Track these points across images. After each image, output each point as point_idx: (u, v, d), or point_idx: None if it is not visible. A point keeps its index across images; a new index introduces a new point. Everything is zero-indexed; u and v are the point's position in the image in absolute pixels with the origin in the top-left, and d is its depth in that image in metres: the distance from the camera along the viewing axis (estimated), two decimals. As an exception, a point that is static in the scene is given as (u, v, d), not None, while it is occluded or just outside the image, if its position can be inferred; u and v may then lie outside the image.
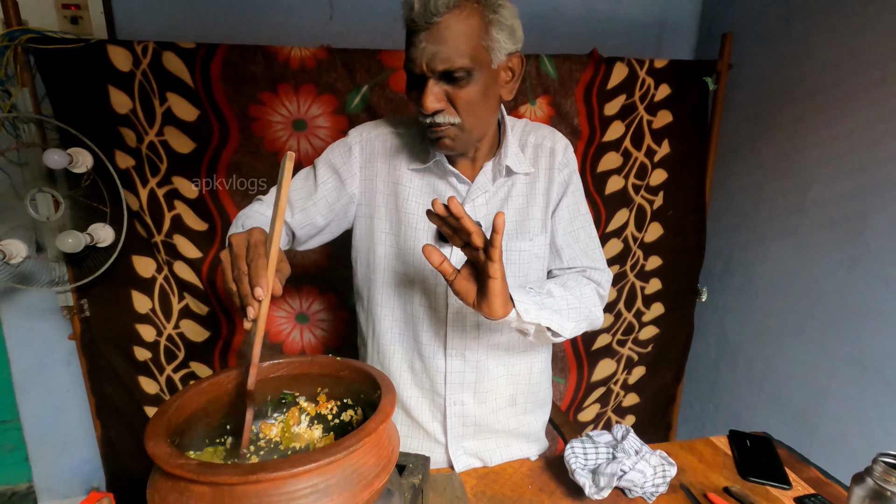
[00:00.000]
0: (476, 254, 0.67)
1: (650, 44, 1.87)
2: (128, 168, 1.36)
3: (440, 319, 0.89)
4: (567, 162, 0.91)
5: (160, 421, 0.49)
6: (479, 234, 0.65)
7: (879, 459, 0.55)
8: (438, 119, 0.76)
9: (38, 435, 1.78)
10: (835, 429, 1.42)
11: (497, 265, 0.66)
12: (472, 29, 0.71)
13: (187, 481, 0.43)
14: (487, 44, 0.73)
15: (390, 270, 0.91)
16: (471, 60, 0.72)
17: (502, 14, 0.74)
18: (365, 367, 0.62)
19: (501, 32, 0.74)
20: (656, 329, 1.81)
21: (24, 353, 1.70)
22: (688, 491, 0.84)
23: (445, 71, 0.72)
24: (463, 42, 0.71)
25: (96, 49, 1.26)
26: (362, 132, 0.92)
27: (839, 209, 1.39)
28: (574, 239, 0.91)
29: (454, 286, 0.70)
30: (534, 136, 0.91)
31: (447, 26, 0.70)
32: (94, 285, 1.43)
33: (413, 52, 0.73)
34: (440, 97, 0.74)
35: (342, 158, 0.90)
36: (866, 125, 1.31)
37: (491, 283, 0.67)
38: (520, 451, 0.98)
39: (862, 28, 1.32)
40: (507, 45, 0.76)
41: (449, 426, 0.93)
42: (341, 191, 0.90)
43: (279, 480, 0.43)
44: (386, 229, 0.90)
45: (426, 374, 0.92)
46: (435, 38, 0.70)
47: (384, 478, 0.50)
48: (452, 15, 0.70)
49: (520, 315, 0.72)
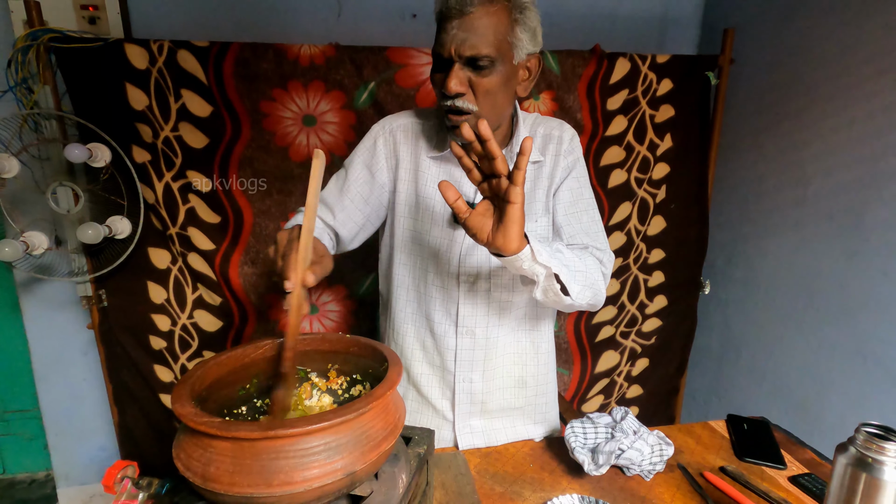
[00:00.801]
0: (498, 182, 0.67)
1: (652, 39, 1.89)
2: (144, 162, 1.41)
3: (452, 298, 0.94)
4: (572, 149, 0.95)
5: (185, 386, 0.53)
6: (503, 161, 0.65)
7: (862, 429, 0.58)
8: (458, 103, 0.80)
9: (57, 423, 1.84)
10: (836, 418, 1.43)
11: (520, 189, 0.66)
12: (500, 24, 0.78)
13: (211, 437, 0.47)
14: (512, 40, 0.80)
15: (406, 252, 0.96)
16: (495, 51, 0.78)
17: (528, 16, 0.80)
18: (373, 343, 0.66)
19: (525, 32, 0.80)
20: (659, 321, 1.83)
21: (45, 344, 1.76)
22: (684, 470, 0.87)
23: (471, 57, 0.78)
24: (491, 33, 0.77)
25: (114, 48, 1.31)
26: (384, 124, 0.97)
27: (839, 202, 1.41)
28: (576, 219, 0.94)
29: (468, 223, 0.70)
30: (543, 127, 0.96)
31: (479, 17, 0.76)
32: (112, 276, 1.48)
33: (443, 37, 0.79)
34: (463, 81, 0.79)
35: (369, 153, 0.95)
36: (866, 118, 1.33)
37: (511, 209, 0.66)
38: (525, 432, 1.01)
39: (861, 22, 1.34)
40: (529, 45, 0.82)
41: (457, 402, 0.97)
42: (373, 183, 0.95)
43: (294, 437, 0.47)
44: (404, 213, 0.95)
45: (437, 352, 0.97)
46: (466, 26, 0.76)
47: (391, 441, 0.54)
48: (484, 8, 0.76)
49: (534, 253, 0.72)
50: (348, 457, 0.49)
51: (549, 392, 1.06)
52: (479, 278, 0.93)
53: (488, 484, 0.82)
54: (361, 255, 1.19)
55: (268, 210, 1.49)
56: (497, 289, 0.94)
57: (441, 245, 0.93)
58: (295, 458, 0.47)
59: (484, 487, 0.81)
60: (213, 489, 0.46)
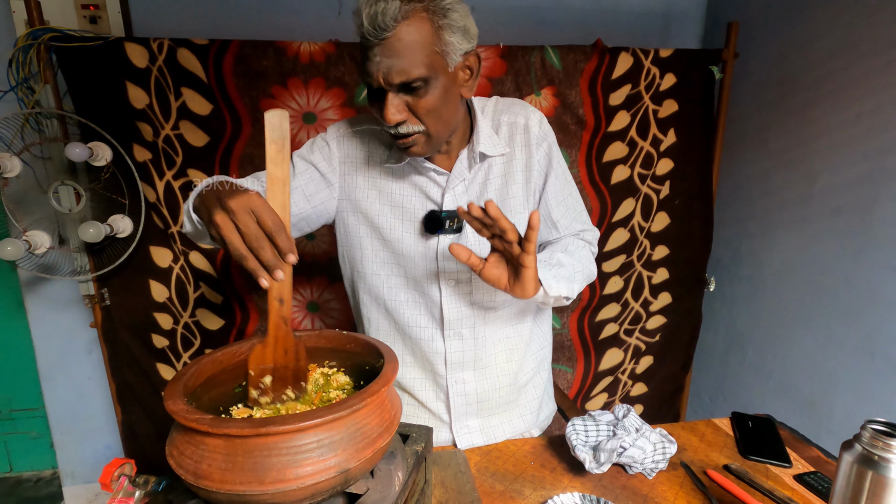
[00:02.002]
0: (510, 246, 0.73)
1: (656, 34, 1.87)
2: (145, 161, 1.41)
3: (435, 302, 0.92)
4: (544, 135, 0.90)
5: (178, 383, 0.53)
6: (514, 231, 0.71)
7: (867, 426, 0.57)
8: (402, 130, 0.76)
9: (61, 422, 1.85)
10: (843, 416, 1.41)
11: (532, 257, 0.72)
12: (425, 37, 0.71)
13: (203, 434, 0.46)
14: (441, 49, 0.73)
15: (379, 261, 0.93)
16: (427, 69, 0.72)
17: (452, 17, 0.73)
18: (369, 339, 0.65)
19: (454, 35, 0.74)
20: (664, 318, 1.81)
21: (49, 343, 1.77)
22: (687, 468, 0.85)
23: (403, 83, 0.72)
24: (417, 52, 0.71)
25: (114, 46, 1.31)
26: (339, 128, 0.92)
27: (846, 197, 1.39)
28: (566, 208, 0.95)
29: (484, 275, 0.76)
30: (507, 114, 0.90)
31: (399, 38, 0.69)
32: (114, 275, 1.48)
33: (369, 67, 0.72)
34: (401, 108, 0.75)
35: (321, 153, 0.90)
36: (874, 111, 1.31)
37: (526, 272, 0.74)
38: (523, 426, 1.00)
39: (868, 13, 1.32)
40: (462, 45, 0.75)
41: (452, 404, 0.96)
42: (320, 183, 0.89)
43: (287, 434, 0.46)
44: (370, 223, 0.91)
45: (426, 357, 0.95)
46: (388, 51, 0.70)
47: (386, 438, 0.53)
48: (402, 27, 0.69)
49: (546, 292, 0.79)
50: (342, 454, 0.48)
51: (545, 383, 1.05)
52: (461, 281, 0.91)
53: (488, 482, 0.81)
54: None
55: (269, 208, 1.49)
56: (479, 290, 0.92)
57: (416, 252, 0.90)
58: (288, 455, 0.46)
59: (484, 485, 0.81)
60: (205, 486, 0.46)
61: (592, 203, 1.63)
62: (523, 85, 1.51)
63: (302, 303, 1.60)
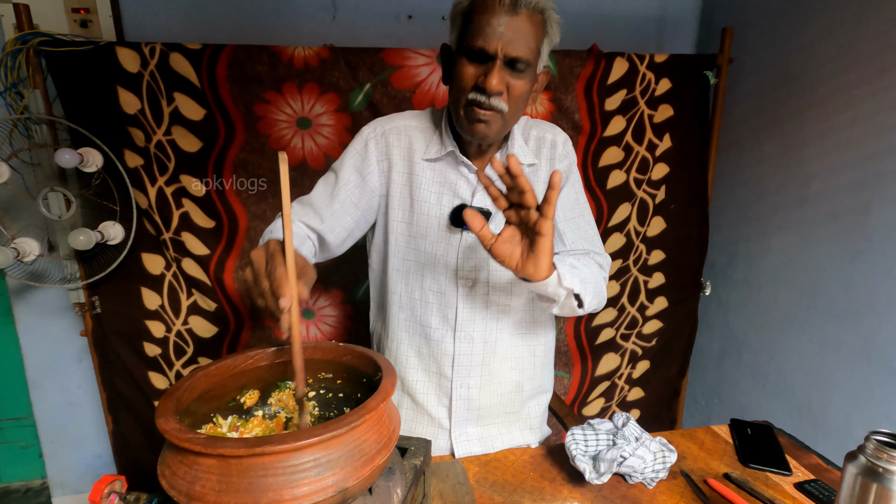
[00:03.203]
0: (527, 213, 0.69)
1: (651, 39, 1.88)
2: (136, 167, 1.39)
3: (451, 303, 0.92)
4: (567, 154, 0.95)
5: (170, 400, 0.51)
6: (532, 193, 0.67)
7: (871, 437, 0.56)
8: (494, 102, 0.79)
9: (51, 431, 1.82)
10: (840, 420, 1.42)
11: (549, 222, 0.67)
12: (537, 32, 0.79)
13: (196, 454, 0.45)
14: (540, 50, 0.81)
15: (401, 257, 0.94)
16: (532, 57, 0.79)
17: (554, 31, 0.82)
18: (367, 351, 0.64)
19: (547, 47, 0.82)
20: (660, 323, 1.81)
21: (38, 351, 1.74)
22: (688, 477, 0.85)
23: (515, 58, 0.77)
24: (532, 39, 0.78)
25: (105, 51, 1.29)
26: (376, 127, 0.94)
27: (841, 201, 1.39)
28: (575, 225, 0.95)
29: (494, 250, 0.71)
30: (536, 130, 0.95)
31: (525, 20, 0.76)
32: (105, 282, 1.46)
33: (488, 31, 0.76)
34: (504, 81, 0.78)
35: (360, 156, 0.93)
36: (867, 116, 1.31)
37: (541, 241, 0.69)
38: (521, 438, 1.00)
39: (862, 18, 1.32)
40: (545, 59, 0.84)
41: (454, 409, 0.95)
42: (363, 187, 0.92)
43: (283, 454, 0.45)
44: (399, 217, 0.93)
45: (433, 359, 0.95)
46: (514, 25, 0.76)
47: (385, 455, 0.52)
48: (530, 13, 0.77)
49: (560, 279, 0.74)
50: (340, 472, 0.47)
51: (545, 397, 1.05)
52: (478, 281, 0.92)
53: (487, 493, 0.80)
54: (358, 258, 1.17)
55: (263, 214, 1.47)
56: (495, 292, 0.93)
57: (438, 249, 0.91)
58: (284, 475, 0.45)
59: (483, 497, 0.79)
60: (198, 508, 0.44)
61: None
62: (519, 90, 1.50)
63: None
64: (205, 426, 0.59)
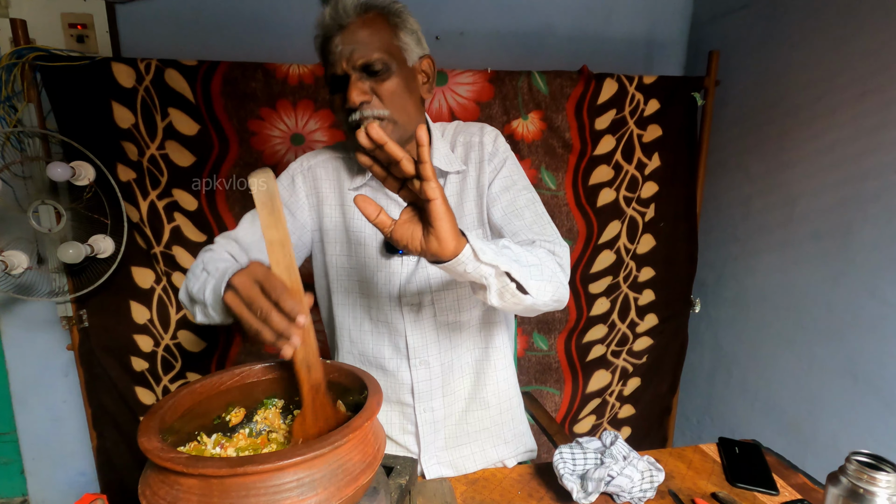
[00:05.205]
0: (411, 185, 0.60)
1: (639, 61, 1.92)
2: (129, 181, 1.40)
3: (399, 331, 0.90)
4: (496, 151, 0.90)
5: (153, 418, 0.51)
6: (409, 159, 0.59)
7: (852, 458, 0.57)
8: (366, 112, 0.78)
9: (34, 447, 1.78)
10: (828, 438, 1.42)
11: (433, 183, 0.58)
12: (381, 30, 0.78)
13: (177, 474, 0.45)
14: (399, 44, 0.80)
15: (343, 291, 0.92)
16: (387, 54, 0.78)
17: (405, 19, 0.81)
18: (353, 369, 0.64)
19: (409, 36, 0.81)
20: (650, 340, 1.82)
21: (23, 365, 1.71)
22: (675, 496, 0.85)
23: (365, 64, 0.77)
24: (377, 39, 0.77)
25: (101, 66, 1.30)
26: (303, 162, 0.94)
27: (825, 222, 1.42)
28: (516, 217, 0.86)
29: (394, 235, 0.63)
30: (463, 135, 0.92)
31: (358, 27, 0.77)
32: (94, 296, 1.45)
33: (332, 57, 0.78)
34: (365, 90, 0.78)
35: (287, 191, 0.91)
36: (850, 139, 1.35)
37: (433, 207, 0.58)
38: (495, 454, 0.98)
39: (843, 46, 1.36)
40: (416, 49, 0.82)
41: (421, 434, 0.93)
42: (293, 223, 0.90)
43: (266, 473, 0.45)
44: (336, 251, 0.91)
45: (391, 389, 0.93)
46: (349, 37, 0.77)
47: (369, 474, 0.51)
48: (361, 18, 0.77)
49: (476, 253, 0.63)
50: (323, 493, 0.47)
51: (515, 408, 1.03)
52: (423, 305, 0.90)
53: (474, 513, 0.80)
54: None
55: (255, 229, 1.48)
56: (443, 312, 0.90)
57: (379, 278, 0.89)
58: (266, 495, 0.45)
59: (470, 517, 0.79)
60: (179, 529, 0.44)
61: (579, 225, 1.64)
62: (511, 109, 1.53)
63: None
64: (188, 444, 0.58)
